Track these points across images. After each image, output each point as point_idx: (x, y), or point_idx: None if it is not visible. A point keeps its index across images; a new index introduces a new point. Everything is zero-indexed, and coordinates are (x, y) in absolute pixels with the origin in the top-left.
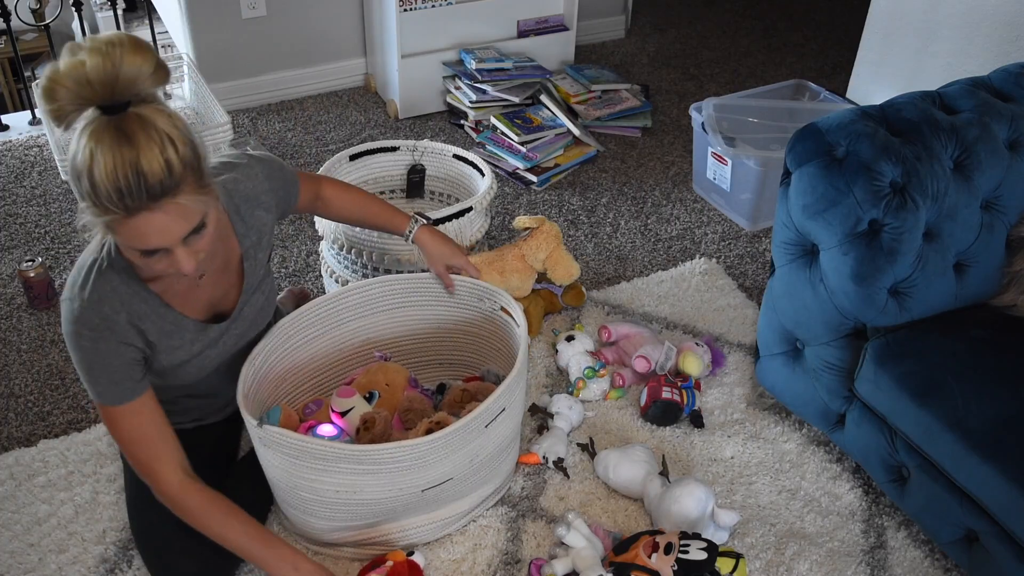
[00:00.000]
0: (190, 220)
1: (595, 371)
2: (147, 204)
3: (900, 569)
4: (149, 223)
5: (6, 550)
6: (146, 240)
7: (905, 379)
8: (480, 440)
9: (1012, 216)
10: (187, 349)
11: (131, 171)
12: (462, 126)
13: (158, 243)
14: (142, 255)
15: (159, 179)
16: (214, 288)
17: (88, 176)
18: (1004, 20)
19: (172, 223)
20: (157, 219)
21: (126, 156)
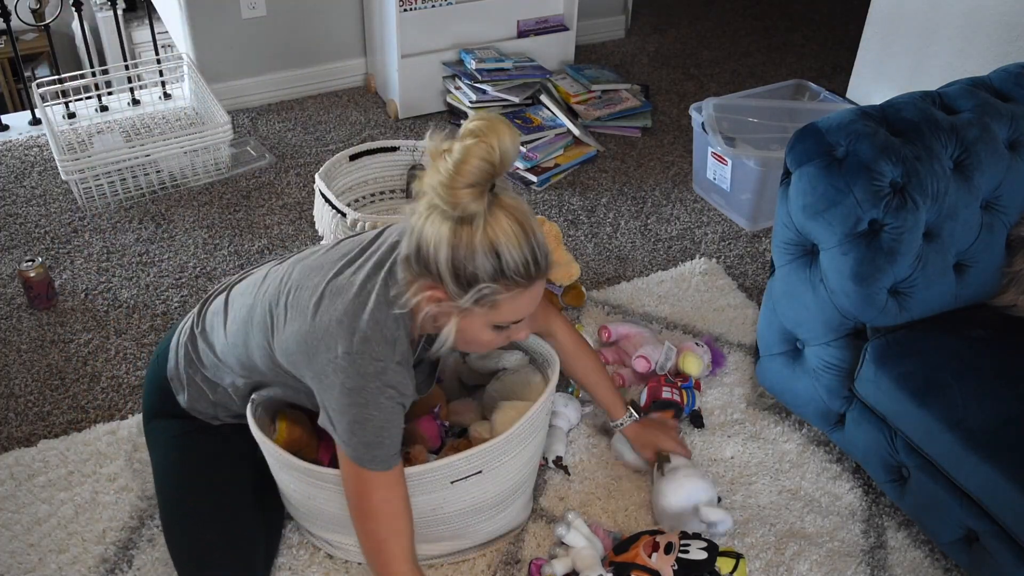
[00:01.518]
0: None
1: None
2: (543, 274)
3: (900, 569)
4: (536, 292)
5: (6, 550)
6: (527, 308)
7: (905, 379)
8: (444, 494)
9: (1012, 216)
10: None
11: (535, 245)
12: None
13: (529, 310)
14: (496, 331)
15: (547, 250)
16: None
17: (494, 256)
18: (1004, 20)
19: (542, 290)
20: (540, 287)
21: (528, 234)
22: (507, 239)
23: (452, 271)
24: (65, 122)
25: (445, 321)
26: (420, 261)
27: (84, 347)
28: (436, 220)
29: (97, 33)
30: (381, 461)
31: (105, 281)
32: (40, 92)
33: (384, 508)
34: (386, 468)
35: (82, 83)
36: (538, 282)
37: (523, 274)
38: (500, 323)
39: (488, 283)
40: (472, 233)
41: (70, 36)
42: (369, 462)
